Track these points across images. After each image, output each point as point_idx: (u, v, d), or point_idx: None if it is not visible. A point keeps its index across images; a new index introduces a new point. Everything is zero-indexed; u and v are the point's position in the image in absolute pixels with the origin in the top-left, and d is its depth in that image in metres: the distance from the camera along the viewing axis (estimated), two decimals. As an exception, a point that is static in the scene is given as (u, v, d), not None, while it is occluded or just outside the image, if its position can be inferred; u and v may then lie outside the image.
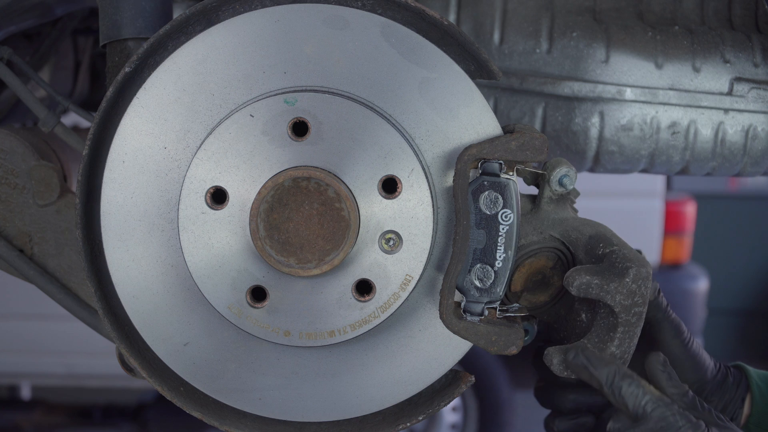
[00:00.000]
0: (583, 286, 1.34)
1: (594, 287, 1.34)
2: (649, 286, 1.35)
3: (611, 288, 1.33)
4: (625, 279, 1.33)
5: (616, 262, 1.36)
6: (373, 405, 1.39)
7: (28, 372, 5.89)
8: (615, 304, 1.34)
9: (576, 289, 1.35)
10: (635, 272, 1.34)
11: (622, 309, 1.34)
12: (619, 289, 1.33)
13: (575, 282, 1.35)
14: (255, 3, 1.31)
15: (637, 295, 1.34)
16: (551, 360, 1.37)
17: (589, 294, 1.34)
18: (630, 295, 1.34)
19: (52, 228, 1.60)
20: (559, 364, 1.37)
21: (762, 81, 1.77)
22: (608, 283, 1.33)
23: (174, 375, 1.39)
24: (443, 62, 1.31)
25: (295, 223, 1.27)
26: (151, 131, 1.32)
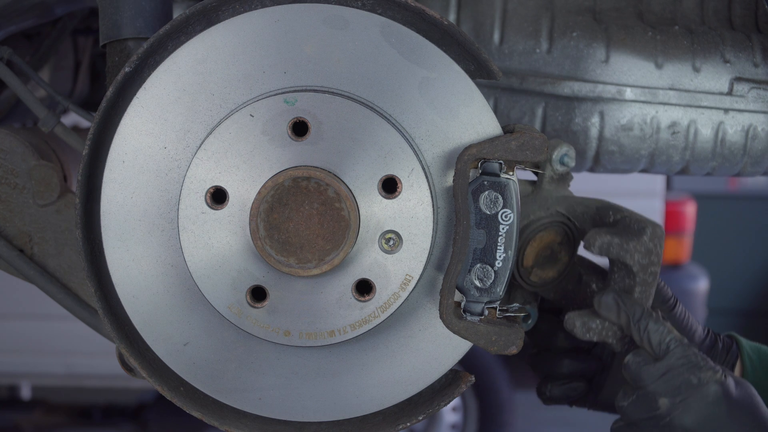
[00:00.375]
0: (604, 245, 1.37)
1: (615, 246, 1.36)
2: (663, 246, 1.38)
3: (630, 247, 1.36)
4: (642, 237, 1.36)
5: (631, 224, 1.39)
6: (373, 405, 1.39)
7: (28, 372, 5.89)
8: (633, 264, 1.37)
9: (598, 249, 1.37)
10: (651, 230, 1.37)
11: (640, 268, 1.37)
12: (637, 247, 1.36)
13: (597, 242, 1.37)
14: (255, 3, 1.31)
15: (653, 254, 1.37)
16: (573, 323, 1.39)
17: (610, 254, 1.37)
18: (647, 254, 1.37)
19: (52, 228, 1.60)
20: (582, 326, 1.38)
21: (762, 81, 1.77)
22: (627, 242, 1.36)
23: (174, 375, 1.39)
24: (443, 62, 1.31)
25: (295, 222, 1.27)
26: (151, 131, 1.32)
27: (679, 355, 1.35)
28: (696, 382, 1.34)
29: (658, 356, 1.36)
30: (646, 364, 1.36)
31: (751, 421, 1.34)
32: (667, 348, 1.35)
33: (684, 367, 1.34)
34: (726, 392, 1.34)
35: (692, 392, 1.33)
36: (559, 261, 1.48)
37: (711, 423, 1.33)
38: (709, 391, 1.33)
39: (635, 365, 1.36)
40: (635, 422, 1.37)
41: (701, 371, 1.34)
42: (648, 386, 1.35)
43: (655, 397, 1.34)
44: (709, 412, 1.33)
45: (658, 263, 1.38)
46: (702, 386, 1.34)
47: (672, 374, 1.34)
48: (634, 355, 1.37)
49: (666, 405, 1.33)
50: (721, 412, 1.33)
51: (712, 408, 1.33)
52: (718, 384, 1.34)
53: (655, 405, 1.34)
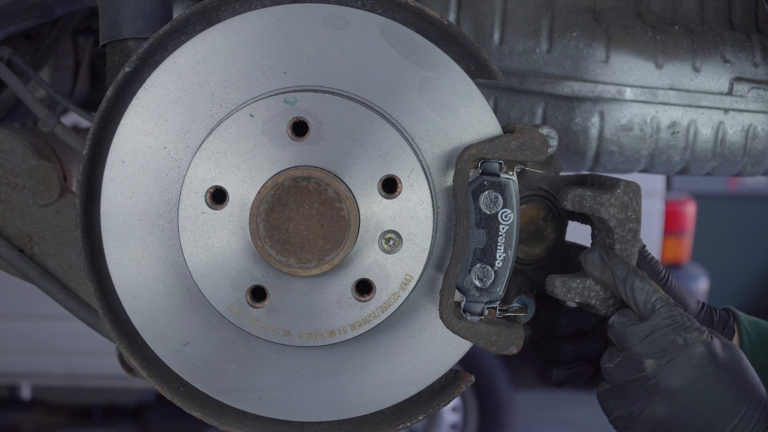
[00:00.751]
0: (576, 198, 1.36)
1: (587, 199, 1.36)
2: (640, 203, 1.37)
3: (604, 200, 1.35)
4: (616, 190, 1.36)
5: (606, 181, 1.39)
6: (373, 405, 1.39)
7: (28, 372, 5.89)
8: (609, 218, 1.36)
9: (570, 202, 1.36)
10: (625, 184, 1.36)
11: (617, 223, 1.36)
12: (612, 201, 1.35)
13: (569, 195, 1.37)
14: (255, 3, 1.32)
15: (630, 209, 1.36)
16: (553, 282, 1.37)
17: (584, 207, 1.36)
18: (623, 208, 1.36)
19: (52, 228, 1.60)
20: (561, 285, 1.37)
21: (762, 81, 1.77)
22: (601, 195, 1.35)
23: (174, 375, 1.39)
24: (443, 62, 1.31)
25: (295, 222, 1.27)
26: (151, 131, 1.32)
27: (665, 315, 1.32)
28: (682, 343, 1.31)
29: (644, 316, 1.33)
30: (632, 325, 1.33)
31: (738, 383, 1.32)
32: (653, 308, 1.32)
33: (670, 327, 1.31)
34: (712, 354, 1.31)
35: (678, 353, 1.30)
36: (545, 238, 1.47)
37: (697, 385, 1.30)
38: (695, 352, 1.31)
39: (620, 326, 1.34)
40: (620, 385, 1.34)
41: (687, 332, 1.31)
42: (633, 347, 1.32)
43: (641, 359, 1.31)
44: (695, 374, 1.30)
45: (637, 220, 1.36)
46: (688, 347, 1.31)
47: (658, 335, 1.31)
48: (619, 316, 1.35)
49: (652, 366, 1.31)
50: (707, 373, 1.30)
51: (698, 369, 1.30)
52: (705, 345, 1.31)
53: (640, 366, 1.32)
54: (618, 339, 1.34)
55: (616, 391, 1.35)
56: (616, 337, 1.35)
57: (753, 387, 1.33)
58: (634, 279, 1.33)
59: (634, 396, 1.32)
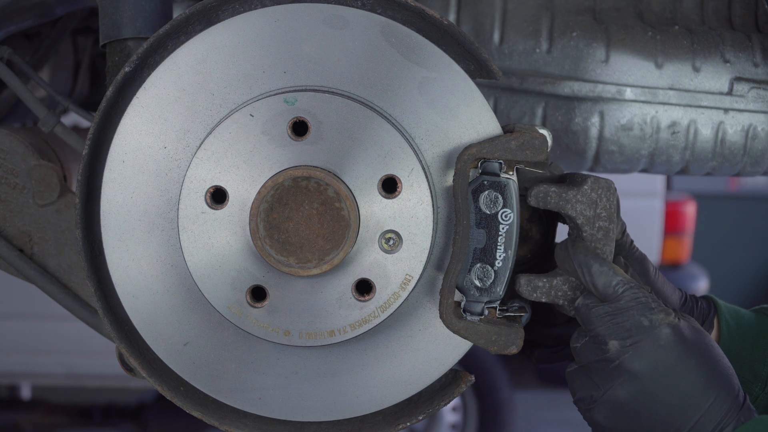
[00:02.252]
0: (540, 194, 1.33)
1: (552, 195, 1.32)
2: (612, 200, 1.33)
3: (570, 196, 1.32)
4: (583, 186, 1.32)
5: (576, 177, 1.35)
6: (373, 405, 1.39)
7: (28, 372, 5.89)
8: (576, 215, 1.32)
9: (534, 198, 1.33)
10: (593, 180, 1.32)
11: (585, 221, 1.32)
12: (578, 197, 1.32)
13: (533, 191, 1.33)
14: (255, 3, 1.32)
15: (600, 207, 1.32)
16: (519, 282, 1.35)
17: (548, 204, 1.32)
18: (591, 205, 1.32)
19: (52, 228, 1.60)
20: (526, 284, 1.35)
21: (762, 81, 1.77)
22: (567, 192, 1.32)
23: (174, 375, 1.39)
24: (443, 62, 1.31)
25: (295, 222, 1.27)
26: (150, 131, 1.32)
27: (630, 297, 1.29)
28: (647, 324, 1.27)
29: (607, 299, 1.30)
30: (596, 306, 1.30)
31: (707, 369, 1.27)
32: (615, 291, 1.29)
33: (635, 309, 1.28)
34: (678, 335, 1.28)
35: (643, 335, 1.27)
36: (530, 239, 1.44)
37: (662, 368, 1.26)
38: (661, 333, 1.27)
39: (585, 308, 1.31)
40: (586, 365, 1.31)
41: (653, 313, 1.28)
42: (597, 328, 1.29)
43: (605, 340, 1.28)
44: (660, 356, 1.27)
45: (609, 218, 1.33)
46: (653, 328, 1.27)
47: (622, 316, 1.28)
48: (584, 298, 1.32)
49: (615, 347, 1.27)
50: (673, 356, 1.27)
51: (664, 352, 1.27)
52: (671, 327, 1.28)
53: (604, 348, 1.28)
54: (583, 321, 1.32)
55: (582, 371, 1.32)
56: (581, 319, 1.32)
57: (724, 375, 1.28)
58: (593, 263, 1.30)
59: (597, 377, 1.29)
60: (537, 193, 1.33)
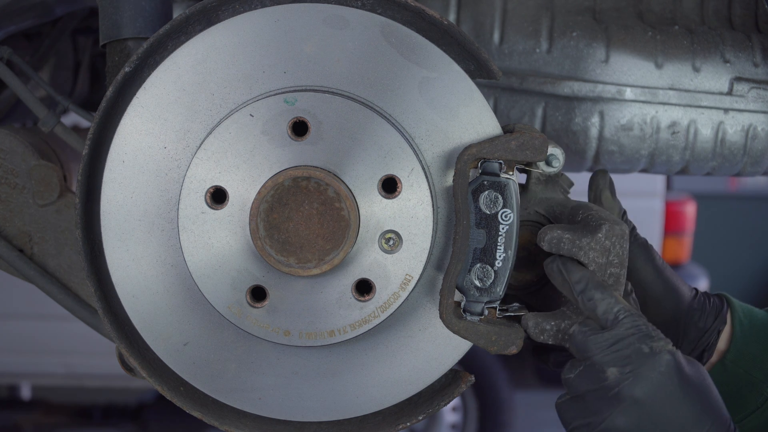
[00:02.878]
0: (554, 240, 1.32)
1: (566, 242, 1.31)
2: (625, 247, 1.32)
3: (583, 243, 1.31)
4: (597, 234, 1.31)
5: (590, 221, 1.34)
6: (373, 405, 1.39)
7: (28, 372, 5.89)
8: (589, 262, 1.32)
9: (547, 244, 1.32)
10: (608, 228, 1.31)
11: (597, 268, 1.32)
12: (591, 245, 1.31)
13: (546, 236, 1.32)
14: (255, 3, 1.32)
15: (612, 254, 1.32)
16: (527, 323, 1.34)
17: (561, 250, 1.32)
18: (604, 252, 1.31)
19: (52, 228, 1.60)
20: (534, 326, 1.34)
21: (762, 81, 1.77)
22: (580, 239, 1.31)
23: (174, 375, 1.39)
24: (443, 62, 1.31)
25: (295, 222, 1.27)
26: (150, 131, 1.32)
27: (629, 325, 1.28)
28: (648, 351, 1.27)
29: (606, 326, 1.29)
30: (594, 334, 1.29)
31: (701, 399, 1.27)
32: (615, 318, 1.28)
33: (634, 336, 1.27)
34: (678, 364, 1.27)
35: (643, 361, 1.26)
36: (537, 264, 1.43)
37: (662, 394, 1.26)
38: (662, 360, 1.26)
39: (581, 335, 1.30)
40: (581, 395, 1.29)
41: (653, 341, 1.28)
42: (595, 356, 1.28)
43: (603, 368, 1.27)
44: (660, 383, 1.26)
45: (620, 265, 1.32)
46: (654, 355, 1.26)
47: (622, 344, 1.27)
48: (580, 326, 1.31)
49: (614, 375, 1.26)
50: (673, 383, 1.25)
51: (664, 378, 1.26)
52: (671, 354, 1.27)
53: (602, 375, 1.27)
54: (579, 349, 1.31)
55: (577, 401, 1.31)
56: (577, 347, 1.31)
57: (716, 406, 1.28)
58: (594, 291, 1.30)
59: (594, 406, 1.28)
60: (550, 239, 1.32)
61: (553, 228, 1.33)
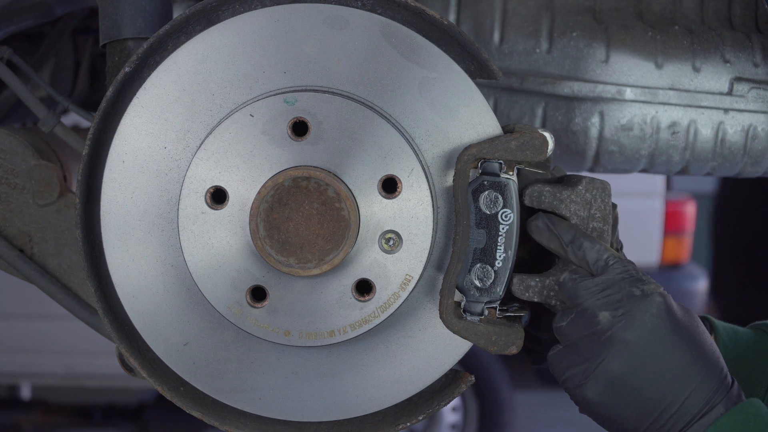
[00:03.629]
0: (535, 193, 1.33)
1: (546, 195, 1.32)
2: (607, 201, 1.32)
3: (564, 196, 1.32)
4: (577, 186, 1.32)
5: (572, 178, 1.35)
6: (373, 405, 1.39)
7: (28, 372, 5.89)
8: (571, 215, 1.32)
9: (528, 198, 1.33)
10: (588, 180, 1.32)
11: (579, 221, 1.32)
12: (572, 197, 1.32)
13: (527, 190, 1.33)
14: (255, 3, 1.32)
15: (594, 207, 1.32)
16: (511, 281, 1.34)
17: (542, 203, 1.32)
18: (586, 205, 1.32)
19: (52, 228, 1.60)
20: (518, 284, 1.33)
21: (762, 81, 1.77)
22: (561, 191, 1.32)
23: (174, 375, 1.39)
24: (443, 62, 1.31)
25: (295, 222, 1.27)
26: (151, 131, 1.32)
27: (619, 270, 1.28)
28: (639, 294, 1.26)
29: (597, 273, 1.29)
30: (584, 280, 1.29)
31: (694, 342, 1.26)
32: (605, 264, 1.28)
33: (625, 281, 1.26)
34: (670, 306, 1.27)
35: (635, 303, 1.25)
36: (529, 240, 1.41)
37: (654, 336, 1.25)
38: (654, 301, 1.26)
39: (572, 282, 1.30)
40: (574, 342, 1.29)
41: (644, 284, 1.27)
42: (586, 301, 1.27)
43: (595, 312, 1.26)
44: (652, 325, 1.25)
45: (603, 219, 1.32)
46: (646, 297, 1.26)
47: (613, 288, 1.27)
48: (570, 273, 1.31)
49: (606, 318, 1.26)
50: (665, 325, 1.25)
51: (656, 320, 1.25)
52: (662, 296, 1.27)
53: (594, 320, 1.26)
54: (570, 295, 1.30)
55: (569, 349, 1.30)
56: (568, 294, 1.31)
57: (712, 353, 1.27)
58: (583, 240, 1.30)
59: (588, 352, 1.27)
60: (531, 192, 1.33)
61: (534, 183, 1.34)
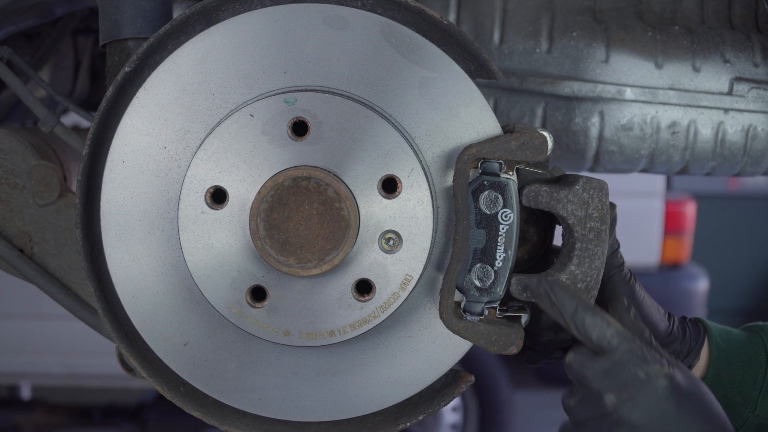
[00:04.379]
0: (532, 193, 1.32)
1: (543, 194, 1.32)
2: (605, 201, 1.32)
3: (561, 196, 1.31)
4: (575, 186, 1.31)
5: (569, 178, 1.35)
6: (373, 405, 1.39)
7: (28, 372, 5.89)
8: (568, 215, 1.32)
9: (525, 198, 1.32)
10: (585, 180, 1.32)
11: (577, 221, 1.32)
12: (569, 197, 1.31)
13: (524, 190, 1.33)
14: (255, 3, 1.32)
15: (591, 207, 1.32)
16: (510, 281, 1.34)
17: (539, 203, 1.32)
18: (583, 205, 1.32)
19: (52, 228, 1.60)
20: (516, 284, 1.33)
21: (762, 81, 1.77)
22: (558, 191, 1.31)
23: (174, 375, 1.39)
24: (443, 62, 1.31)
25: (295, 222, 1.27)
26: (150, 131, 1.32)
27: (624, 350, 1.28)
28: (644, 377, 1.26)
29: (601, 351, 1.29)
30: (590, 362, 1.29)
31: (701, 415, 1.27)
32: (609, 343, 1.28)
33: (630, 362, 1.27)
34: (675, 387, 1.27)
35: (640, 387, 1.26)
36: (528, 240, 1.43)
37: (660, 418, 1.26)
38: (658, 385, 1.26)
39: (577, 363, 1.30)
40: (582, 422, 1.30)
41: (648, 365, 1.27)
42: (592, 384, 1.28)
43: (601, 395, 1.27)
44: (658, 407, 1.26)
45: (600, 219, 1.32)
46: (650, 380, 1.26)
47: (617, 370, 1.27)
48: (575, 353, 1.31)
49: (613, 402, 1.26)
50: (670, 407, 1.26)
51: (662, 403, 1.26)
52: (667, 378, 1.27)
53: (601, 403, 1.27)
54: (577, 377, 1.31)
55: (579, 427, 1.31)
56: (574, 376, 1.31)
57: (720, 422, 1.28)
58: (585, 315, 1.29)
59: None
60: (528, 192, 1.33)
61: (531, 182, 1.34)
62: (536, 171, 1.39)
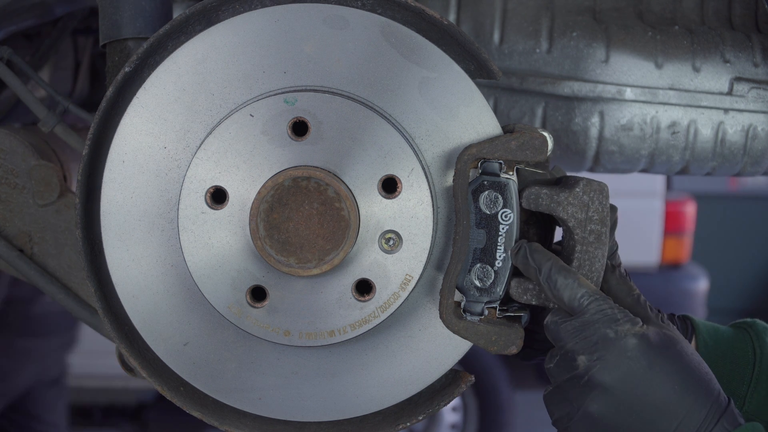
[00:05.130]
0: (532, 196, 1.32)
1: (543, 197, 1.31)
2: (605, 204, 1.32)
3: (561, 198, 1.31)
4: (575, 189, 1.31)
5: (570, 180, 1.35)
6: (373, 405, 1.39)
7: (28, 372, 5.88)
8: (568, 217, 1.32)
9: (526, 200, 1.32)
10: (585, 182, 1.31)
11: (577, 223, 1.32)
12: (570, 199, 1.31)
13: (524, 192, 1.32)
14: (255, 3, 1.32)
15: (592, 210, 1.32)
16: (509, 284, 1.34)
17: (540, 206, 1.32)
18: (583, 207, 1.31)
19: (52, 228, 1.60)
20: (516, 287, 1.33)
21: (762, 81, 1.77)
22: (558, 194, 1.31)
23: (174, 375, 1.39)
24: (443, 62, 1.31)
25: (295, 222, 1.27)
26: (150, 131, 1.32)
27: (595, 310, 1.26)
28: (613, 336, 1.25)
29: (573, 312, 1.28)
30: (564, 322, 1.28)
31: (677, 374, 1.25)
32: (579, 303, 1.27)
33: (600, 321, 1.25)
34: (647, 345, 1.25)
35: (609, 347, 1.24)
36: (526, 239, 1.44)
37: (631, 379, 1.24)
38: (627, 344, 1.24)
39: (554, 324, 1.29)
40: (561, 384, 1.29)
41: (618, 324, 1.26)
42: (567, 344, 1.27)
43: (574, 356, 1.26)
44: (627, 368, 1.24)
45: (601, 221, 1.32)
46: (619, 340, 1.24)
47: (588, 330, 1.26)
48: (552, 315, 1.30)
49: (584, 363, 1.25)
50: (640, 366, 1.24)
51: (631, 362, 1.24)
52: (637, 337, 1.25)
53: (574, 364, 1.26)
54: (553, 338, 1.30)
55: (557, 391, 1.30)
56: (551, 336, 1.31)
57: (699, 379, 1.26)
58: (557, 276, 1.28)
59: (570, 395, 1.27)
60: (528, 194, 1.32)
61: (531, 185, 1.33)
62: (536, 171, 1.39)
